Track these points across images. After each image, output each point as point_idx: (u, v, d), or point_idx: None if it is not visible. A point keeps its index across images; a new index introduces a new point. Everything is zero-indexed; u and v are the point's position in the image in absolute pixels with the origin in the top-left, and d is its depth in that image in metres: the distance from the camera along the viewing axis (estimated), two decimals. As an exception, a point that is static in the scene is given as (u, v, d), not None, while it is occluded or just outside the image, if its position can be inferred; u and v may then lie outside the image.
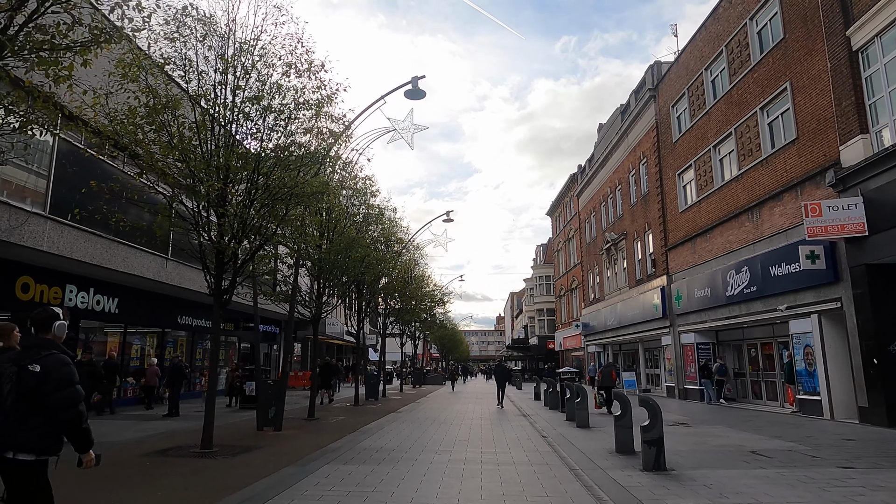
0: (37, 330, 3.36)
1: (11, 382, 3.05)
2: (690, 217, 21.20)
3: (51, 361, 3.17)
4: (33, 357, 3.17)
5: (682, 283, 21.65)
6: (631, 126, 27.64)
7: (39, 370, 3.11)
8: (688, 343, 21.40)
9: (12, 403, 3.06)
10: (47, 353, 3.21)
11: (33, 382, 3.10)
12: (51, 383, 3.12)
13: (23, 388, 3.08)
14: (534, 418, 15.07)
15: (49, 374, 3.13)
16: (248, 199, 9.08)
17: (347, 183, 13.42)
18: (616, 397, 9.36)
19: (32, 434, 3.10)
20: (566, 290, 44.02)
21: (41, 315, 3.38)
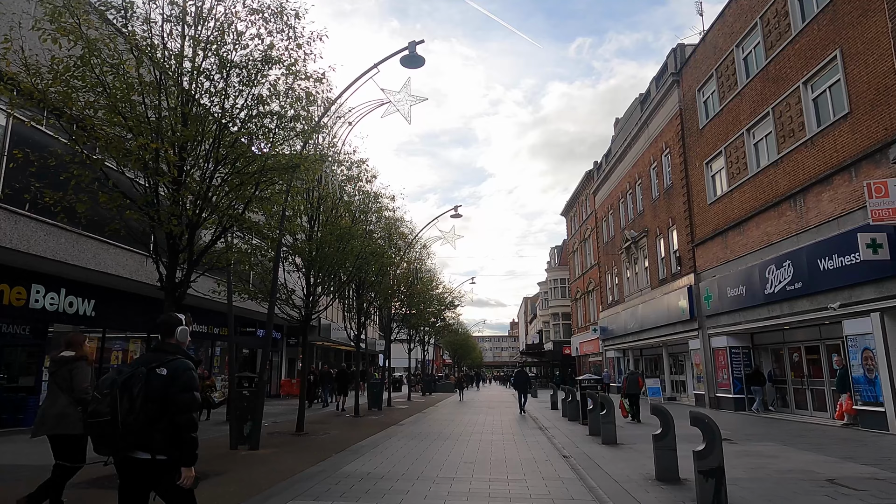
0: (162, 335, 3.47)
1: (141, 384, 3.12)
2: (721, 209, 19.38)
3: (176, 365, 3.26)
4: (160, 360, 3.26)
5: (711, 281, 19.81)
6: (652, 115, 25.87)
7: (166, 373, 3.21)
8: (719, 347, 19.53)
9: (141, 405, 3.12)
10: (173, 358, 3.30)
11: (160, 385, 3.17)
12: (176, 386, 3.21)
13: (151, 391, 3.15)
14: (552, 432, 13.35)
15: (175, 378, 3.22)
16: (208, 173, 7.52)
17: (334, 157, 11.84)
18: (655, 411, 7.65)
19: (166, 436, 3.17)
20: (582, 292, 42.15)
21: (166, 320, 3.50)
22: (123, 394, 3.09)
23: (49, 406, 5.28)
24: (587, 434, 12.66)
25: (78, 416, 5.19)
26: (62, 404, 5.25)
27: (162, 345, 3.45)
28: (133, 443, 3.11)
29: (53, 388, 5.35)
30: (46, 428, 5.24)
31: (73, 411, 5.24)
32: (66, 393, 5.27)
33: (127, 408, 3.07)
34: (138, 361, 3.31)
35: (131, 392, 3.09)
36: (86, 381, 5.37)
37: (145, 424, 3.11)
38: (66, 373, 5.33)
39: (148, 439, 3.13)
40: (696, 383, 22.02)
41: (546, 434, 13.07)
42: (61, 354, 5.47)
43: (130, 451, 3.14)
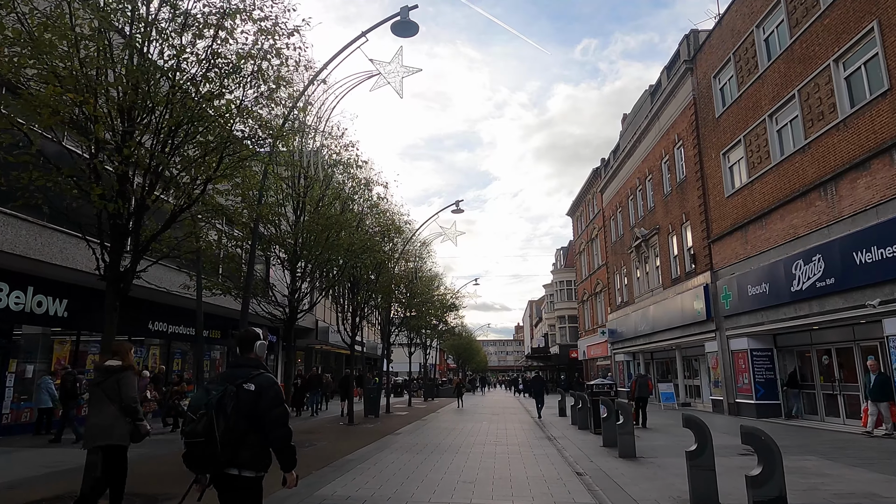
0: (242, 349, 3.46)
1: (233, 402, 3.12)
2: (740, 202, 18.13)
3: (263, 380, 3.26)
4: (246, 377, 3.25)
5: (730, 279, 18.55)
6: (663, 107, 24.65)
7: (254, 389, 3.20)
8: (739, 349, 18.24)
9: (234, 423, 3.11)
10: (258, 373, 3.29)
11: (250, 401, 3.17)
12: (265, 402, 3.20)
13: (241, 407, 3.14)
14: (561, 442, 12.12)
15: (263, 393, 3.21)
16: (158, 143, 6.37)
17: (315, 129, 10.68)
18: (688, 423, 6.43)
19: (253, 452, 3.17)
20: (589, 294, 40.86)
21: (245, 335, 3.48)
22: (219, 413, 3.10)
23: (96, 417, 5.22)
24: (601, 445, 11.43)
25: (126, 428, 5.23)
26: (110, 415, 5.20)
27: (243, 360, 3.44)
28: (226, 460, 3.11)
29: (100, 397, 5.26)
30: (96, 440, 5.17)
31: (121, 422, 5.21)
32: (114, 403, 5.23)
33: (223, 427, 3.09)
34: (223, 378, 3.31)
35: (226, 411, 3.11)
36: (134, 391, 5.36)
37: (236, 441, 3.12)
38: (114, 383, 5.27)
39: (237, 455, 3.12)
40: (712, 388, 20.72)
41: (555, 445, 11.84)
42: (107, 364, 5.40)
43: (224, 467, 3.14)
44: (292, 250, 11.28)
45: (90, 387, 5.47)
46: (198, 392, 3.30)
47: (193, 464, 3.18)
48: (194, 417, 3.14)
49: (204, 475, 3.26)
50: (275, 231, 10.78)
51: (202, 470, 3.20)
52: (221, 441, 3.07)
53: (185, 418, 3.21)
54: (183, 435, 3.20)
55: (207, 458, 3.11)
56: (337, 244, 11.35)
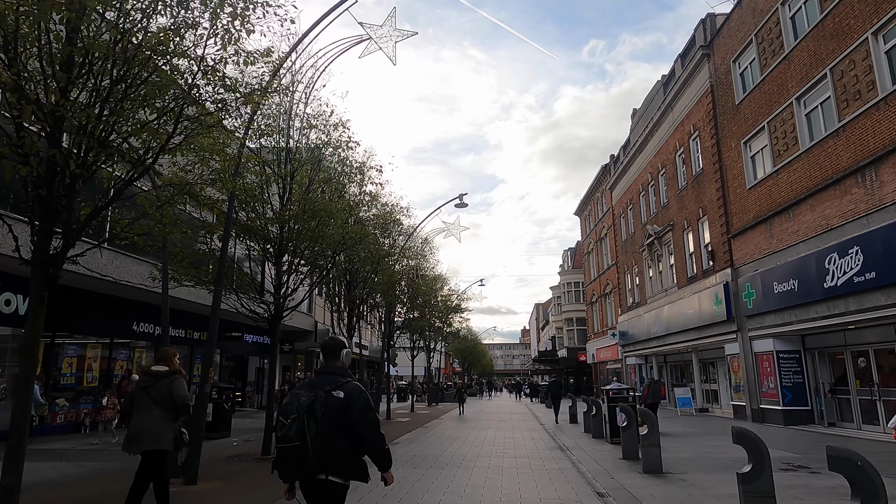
0: (327, 357, 3.53)
1: (323, 408, 3.16)
2: (764, 193, 16.92)
3: (351, 388, 3.29)
4: (334, 384, 3.29)
5: (753, 276, 17.32)
6: (677, 97, 23.47)
7: (343, 396, 3.24)
8: (764, 351, 17.01)
9: (323, 428, 3.15)
10: (346, 381, 3.34)
11: (339, 408, 3.21)
12: (357, 409, 3.24)
13: (330, 414, 3.18)
14: (575, 453, 10.94)
15: (353, 400, 3.24)
16: (96, 100, 5.28)
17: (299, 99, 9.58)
18: (740, 438, 5.28)
19: (341, 458, 3.19)
20: (598, 296, 39.61)
21: (331, 343, 3.55)
22: (310, 419, 3.15)
23: (144, 422, 5.20)
24: (620, 458, 10.24)
25: (172, 434, 5.30)
26: (158, 420, 5.23)
27: (329, 367, 3.47)
28: (316, 465, 3.14)
29: (146, 402, 5.25)
30: (144, 444, 5.17)
31: (168, 427, 5.28)
32: (160, 407, 5.25)
33: (314, 431, 3.13)
34: (311, 385, 3.33)
35: (316, 416, 3.16)
36: (186, 393, 5.43)
37: (325, 446, 3.14)
38: (164, 387, 5.31)
39: (327, 461, 3.15)
40: (733, 393, 19.46)
41: (569, 457, 10.66)
42: (153, 369, 5.43)
43: (314, 472, 3.17)
44: (277, 241, 10.17)
45: (137, 391, 5.39)
46: (288, 398, 3.29)
47: (285, 468, 3.22)
48: (286, 422, 3.16)
49: (293, 481, 3.28)
50: (256, 220, 9.65)
51: (293, 475, 3.23)
52: (312, 445, 3.11)
53: (277, 423, 3.23)
54: (275, 440, 3.22)
55: (299, 462, 3.15)
56: (326, 235, 10.25)
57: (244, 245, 10.56)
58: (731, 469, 8.90)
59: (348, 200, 10.75)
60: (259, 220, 9.65)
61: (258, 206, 9.92)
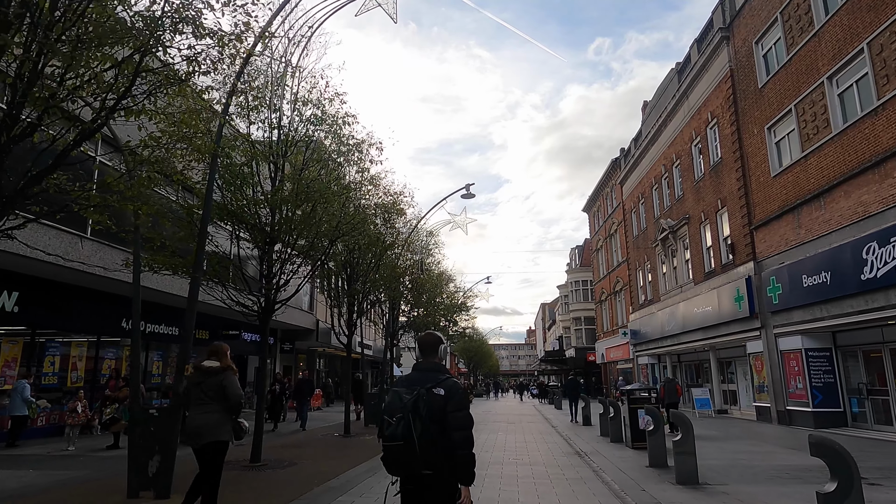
0: (424, 353, 3.49)
1: (426, 406, 3.13)
2: (790, 180, 15.88)
3: (450, 385, 3.27)
4: (435, 381, 3.26)
5: (778, 270, 16.29)
6: (693, 84, 22.43)
7: (444, 393, 3.21)
8: (791, 349, 15.97)
9: (428, 426, 3.12)
10: (445, 377, 3.31)
11: (440, 405, 3.17)
12: (452, 404, 3.19)
13: (433, 412, 3.14)
14: (596, 460, 9.95)
15: (451, 397, 3.20)
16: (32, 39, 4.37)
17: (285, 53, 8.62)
18: (820, 449, 4.30)
19: (443, 455, 3.13)
20: (608, 294, 38.57)
21: (428, 339, 3.51)
22: (415, 417, 3.11)
23: (202, 416, 5.29)
24: (647, 465, 9.25)
25: (230, 425, 5.38)
26: (215, 412, 5.31)
27: (428, 364, 3.42)
28: (424, 462, 3.10)
29: (201, 397, 5.35)
30: (205, 437, 5.25)
31: (226, 419, 5.35)
32: (214, 402, 5.32)
33: (420, 429, 3.10)
34: (411, 382, 3.30)
35: (421, 415, 3.12)
36: (239, 390, 5.49)
37: (430, 444, 3.11)
38: (217, 384, 5.38)
39: (432, 459, 3.11)
40: (756, 394, 18.41)
41: (589, 464, 9.68)
42: (205, 365, 5.47)
43: (422, 469, 3.13)
44: (268, 227, 9.23)
45: (190, 387, 5.49)
46: (391, 396, 3.26)
47: (393, 466, 3.20)
48: (392, 421, 3.14)
49: (397, 477, 3.27)
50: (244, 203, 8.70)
51: (401, 472, 3.21)
52: (419, 444, 3.08)
53: (383, 422, 3.19)
54: (381, 439, 3.19)
55: (406, 461, 3.13)
56: (321, 221, 9.31)
57: (231, 231, 9.62)
58: (776, 480, 7.91)
59: (347, 183, 9.80)
60: (247, 205, 8.71)
61: (247, 189, 9.00)
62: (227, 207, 8.54)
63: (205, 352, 5.66)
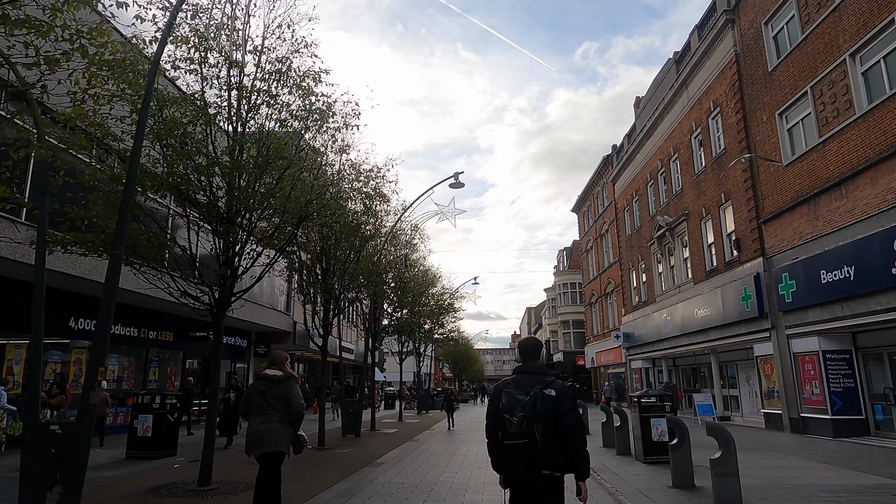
0: (526, 357, 3.60)
1: (543, 406, 3.23)
2: (805, 169, 14.71)
3: (559, 386, 3.36)
4: (543, 383, 3.35)
5: (792, 265, 15.09)
6: (694, 72, 21.30)
7: (555, 394, 3.30)
8: (806, 351, 14.76)
9: (546, 426, 3.23)
10: (552, 379, 3.40)
11: (553, 405, 3.27)
12: (566, 405, 3.29)
13: (547, 412, 3.24)
14: (609, 479, 8.53)
15: (563, 398, 3.30)
16: None
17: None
18: None
19: (559, 454, 3.24)
20: (599, 296, 37.37)
21: (531, 343, 3.66)
22: (535, 416, 3.21)
23: (264, 425, 5.26)
24: (670, 486, 7.86)
25: (289, 436, 5.37)
26: (276, 423, 5.28)
27: (532, 367, 3.51)
28: (545, 461, 3.20)
29: (263, 406, 5.29)
30: (265, 447, 5.23)
31: (285, 430, 5.34)
32: (277, 411, 5.29)
33: (540, 430, 3.20)
34: (520, 384, 3.40)
35: (540, 414, 3.22)
36: (302, 400, 5.44)
37: (549, 443, 3.21)
38: (280, 392, 5.33)
39: (549, 458, 3.21)
40: (764, 400, 17.18)
41: (602, 484, 8.25)
42: (267, 373, 5.41)
43: (543, 468, 3.21)
44: (224, 202, 7.71)
45: (254, 395, 5.36)
46: (506, 398, 3.36)
47: (516, 465, 3.26)
48: (514, 420, 3.24)
49: (519, 477, 3.31)
50: (190, 171, 7.16)
51: (520, 471, 3.26)
52: (541, 442, 3.18)
53: (504, 421, 3.28)
54: (503, 438, 3.28)
55: (528, 459, 3.21)
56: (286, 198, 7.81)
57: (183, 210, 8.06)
58: (834, 506, 6.55)
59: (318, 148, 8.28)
60: (194, 172, 7.17)
61: (198, 158, 7.46)
62: (166, 178, 6.99)
63: (265, 361, 5.59)
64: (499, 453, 3.32)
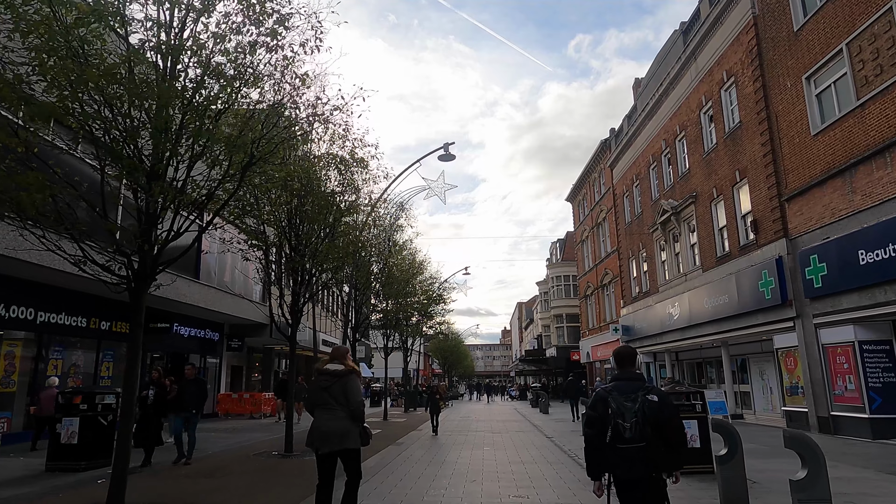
0: (623, 364, 3.88)
1: (649, 411, 3.46)
2: (839, 137, 13.08)
3: (659, 392, 3.60)
4: (645, 389, 3.60)
5: (823, 246, 13.47)
6: (703, 42, 19.63)
7: (657, 400, 3.52)
8: (838, 342, 13.16)
9: (653, 430, 3.47)
10: (652, 385, 3.71)
11: (656, 410, 3.49)
12: (668, 411, 3.55)
13: (650, 416, 3.48)
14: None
15: (666, 404, 3.57)
16: None
17: None
18: None
19: (664, 456, 3.49)
20: (595, 288, 35.77)
21: (626, 351, 3.95)
22: (645, 420, 3.44)
23: (331, 421, 5.18)
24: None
25: (357, 431, 5.26)
26: (343, 418, 5.19)
27: (630, 374, 3.75)
28: (654, 463, 3.44)
29: (328, 401, 5.21)
30: (333, 444, 5.14)
31: (354, 425, 5.24)
32: (343, 406, 5.20)
33: (649, 433, 3.43)
34: (621, 389, 3.61)
35: (648, 418, 3.44)
36: (361, 395, 5.38)
37: (654, 446, 3.44)
38: (342, 387, 5.23)
39: (657, 459, 3.46)
40: (786, 396, 15.59)
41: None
42: (330, 368, 5.34)
43: (652, 470, 3.46)
44: (147, 154, 5.86)
45: (318, 391, 5.28)
46: (615, 403, 3.53)
47: (633, 467, 3.42)
48: (626, 425, 3.44)
49: (605, 477, 3.60)
50: (89, 91, 5.31)
51: (636, 472, 3.45)
52: (652, 446, 3.42)
53: (616, 426, 3.48)
54: (618, 442, 3.47)
55: (643, 461, 3.41)
56: (225, 136, 5.98)
57: (97, 157, 6.18)
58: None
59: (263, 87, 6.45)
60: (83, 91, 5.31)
61: (108, 83, 5.61)
62: (56, 104, 5.13)
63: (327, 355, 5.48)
64: (614, 456, 3.48)
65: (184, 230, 6.62)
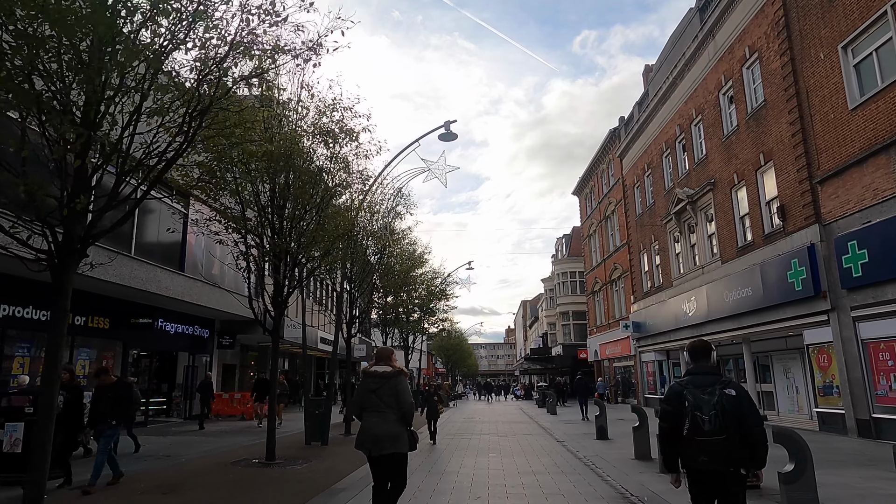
0: (697, 358, 3.86)
1: (728, 405, 3.45)
2: (881, 110, 11.80)
3: (736, 386, 3.58)
4: (722, 383, 3.59)
5: (863, 231, 12.20)
6: (723, 18, 18.34)
7: (735, 394, 3.52)
8: (881, 337, 11.91)
9: (733, 423, 3.46)
10: (729, 379, 3.66)
11: (734, 404, 3.48)
12: (746, 405, 3.53)
13: (729, 410, 3.45)
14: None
15: (743, 398, 3.53)
16: None
17: None
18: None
19: (743, 450, 3.47)
20: (603, 284, 34.50)
21: (701, 345, 3.90)
22: (726, 414, 3.41)
23: (381, 424, 5.04)
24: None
25: (407, 434, 5.13)
26: (394, 421, 5.07)
27: (705, 368, 3.76)
28: (733, 456, 3.42)
29: (378, 404, 5.10)
30: (385, 448, 5.01)
31: (403, 429, 5.11)
32: (392, 409, 5.08)
33: (730, 426, 3.39)
34: (697, 384, 3.62)
35: (728, 412, 3.41)
36: (410, 396, 5.22)
37: (733, 439, 3.40)
38: (391, 389, 5.12)
39: (737, 453, 3.43)
40: (819, 397, 14.33)
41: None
42: (378, 370, 5.24)
43: (734, 464, 3.43)
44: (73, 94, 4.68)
45: (366, 393, 5.15)
46: (692, 397, 3.54)
47: (714, 460, 3.41)
48: (705, 418, 3.41)
49: (716, 470, 3.48)
50: None
51: (716, 465, 3.42)
52: (731, 439, 3.37)
53: (694, 419, 3.47)
54: (697, 435, 3.45)
55: (724, 454, 3.39)
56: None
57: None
58: None
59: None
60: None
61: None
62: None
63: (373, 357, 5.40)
64: (693, 448, 3.48)
65: (126, 195, 5.42)
